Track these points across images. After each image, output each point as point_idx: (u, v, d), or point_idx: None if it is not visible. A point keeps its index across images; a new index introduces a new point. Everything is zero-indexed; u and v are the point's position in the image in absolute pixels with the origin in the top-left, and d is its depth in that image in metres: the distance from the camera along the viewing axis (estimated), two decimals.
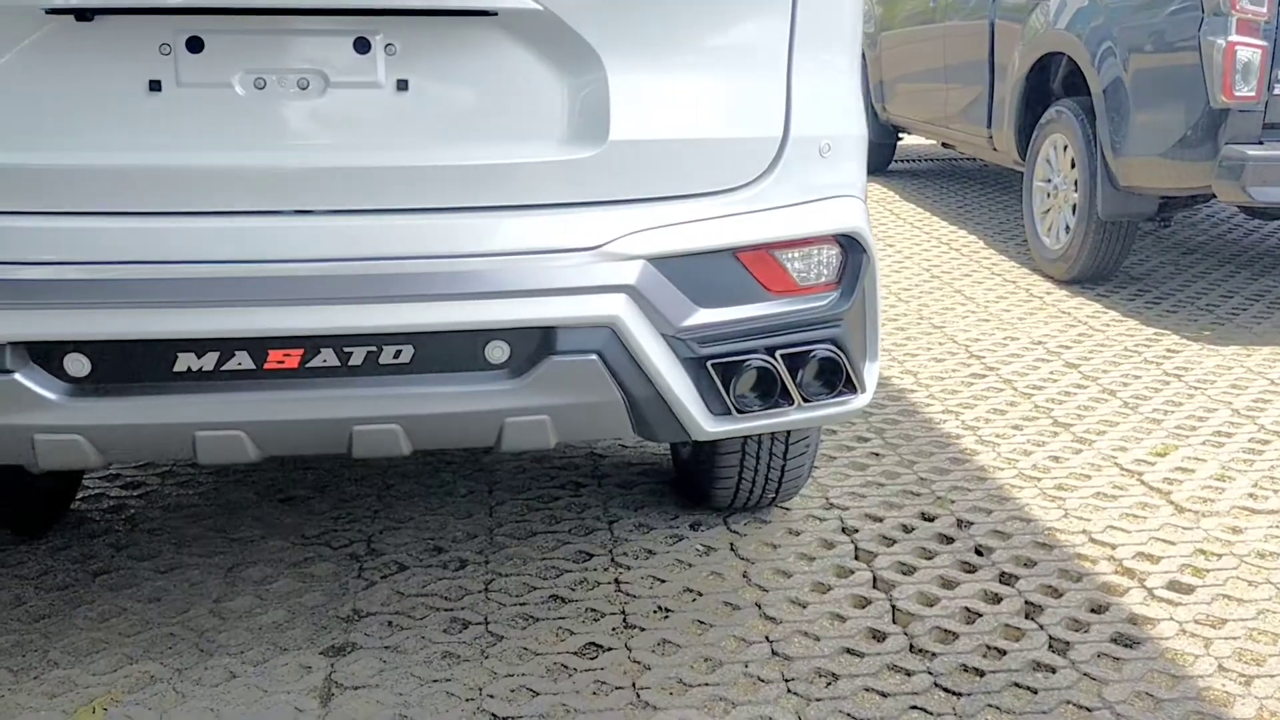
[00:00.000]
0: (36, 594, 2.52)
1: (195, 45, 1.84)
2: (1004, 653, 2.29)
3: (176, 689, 2.18)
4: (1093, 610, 2.44)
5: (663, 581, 2.57)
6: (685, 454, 2.90)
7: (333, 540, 2.77)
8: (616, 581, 2.57)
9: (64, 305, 1.81)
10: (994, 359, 4.12)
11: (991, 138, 5.82)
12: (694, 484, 2.86)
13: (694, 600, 2.49)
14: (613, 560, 2.67)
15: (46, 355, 1.85)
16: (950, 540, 2.76)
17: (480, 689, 2.18)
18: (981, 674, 2.22)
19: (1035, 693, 2.16)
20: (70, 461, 1.93)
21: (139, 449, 1.99)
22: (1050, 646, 2.31)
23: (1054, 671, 2.22)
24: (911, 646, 2.31)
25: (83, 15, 1.80)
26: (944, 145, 6.99)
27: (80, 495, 2.98)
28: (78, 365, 1.85)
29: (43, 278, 1.82)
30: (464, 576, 2.60)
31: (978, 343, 4.31)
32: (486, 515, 2.89)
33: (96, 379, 1.87)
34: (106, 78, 1.84)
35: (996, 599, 2.49)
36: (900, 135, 7.89)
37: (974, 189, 7.51)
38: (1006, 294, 4.98)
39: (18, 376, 1.83)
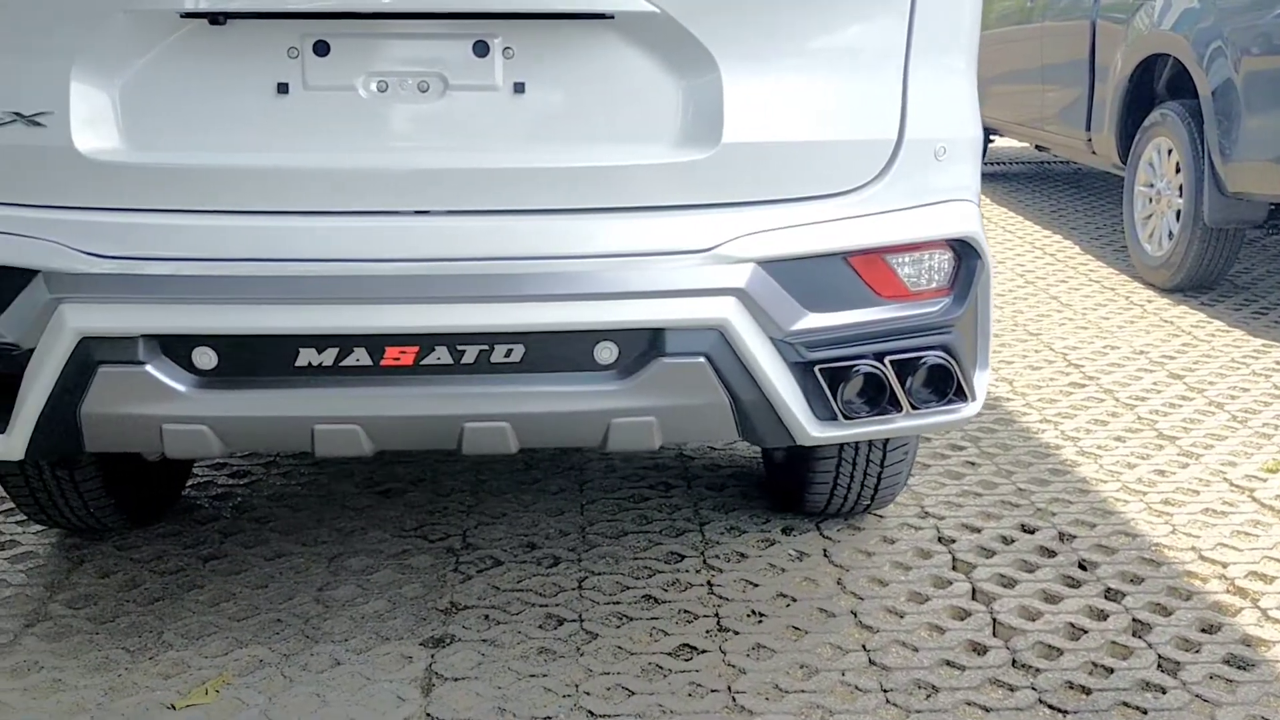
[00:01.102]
0: (151, 577, 2.60)
1: (322, 49, 1.89)
2: (1111, 671, 2.24)
3: (284, 674, 2.23)
4: (1203, 630, 2.38)
5: (755, 585, 2.56)
6: (779, 458, 2.89)
7: (429, 533, 2.81)
8: (709, 584, 2.57)
9: (193, 300, 1.87)
10: (1093, 368, 4.03)
11: (1090, 140, 5.69)
12: (787, 488, 2.85)
13: (788, 606, 2.48)
14: (704, 562, 2.67)
15: (176, 348, 1.91)
16: (1052, 554, 2.71)
17: (577, 685, 2.19)
18: (1088, 692, 2.17)
19: (1145, 713, 2.11)
20: (195, 451, 2.00)
21: (260, 440, 2.05)
22: (1160, 666, 2.25)
23: (1164, 692, 2.17)
24: (1014, 661, 2.27)
25: (215, 19, 1.86)
26: (1038, 148, 6.85)
27: (190, 482, 3.07)
28: (205, 358, 1.92)
29: (174, 273, 1.88)
30: (557, 573, 2.62)
31: (1076, 351, 4.22)
32: (578, 513, 2.91)
33: (222, 372, 1.93)
34: (236, 80, 1.90)
35: (1102, 615, 2.44)
36: (992, 138, 7.75)
37: (1068, 193, 7.35)
38: (1105, 301, 4.86)
39: (149, 368, 1.90)
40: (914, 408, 2.09)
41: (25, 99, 1.89)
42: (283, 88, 1.90)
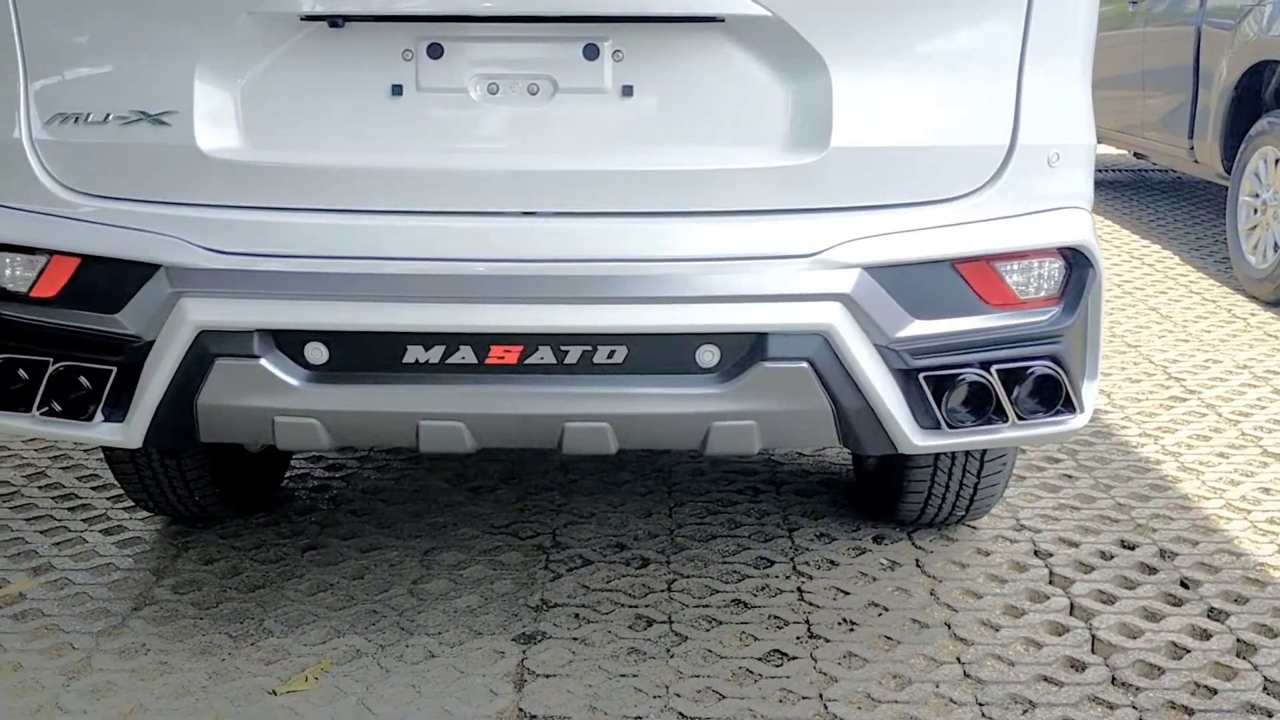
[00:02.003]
0: (252, 565, 2.67)
1: (435, 51, 1.93)
2: (1215, 692, 2.18)
3: (380, 664, 2.28)
4: None
5: (846, 594, 2.54)
6: (870, 465, 2.86)
7: (520, 531, 2.84)
8: (799, 590, 2.56)
9: (307, 296, 1.92)
10: (1194, 382, 3.92)
11: (1193, 149, 5.54)
12: (879, 496, 2.82)
13: (880, 615, 2.46)
14: (794, 569, 2.65)
15: (289, 343, 1.96)
16: (1153, 570, 2.64)
17: (667, 687, 2.20)
18: (1191, 713, 2.11)
19: None
20: (305, 443, 2.05)
21: (366, 435, 2.10)
22: (1265, 689, 2.18)
23: (1270, 716, 2.10)
24: (1114, 679, 2.22)
25: (334, 22, 1.90)
26: (1136, 155, 6.69)
27: (287, 474, 3.14)
28: (317, 353, 1.96)
29: (289, 270, 1.93)
30: (646, 575, 2.63)
31: (1176, 364, 4.11)
32: (666, 516, 2.92)
33: (332, 367, 1.97)
34: (352, 82, 1.94)
35: (1205, 635, 2.37)
36: None
37: (1167, 201, 7.16)
38: (1206, 314, 4.73)
39: (263, 362, 1.95)
40: (1020, 418, 2.05)
41: (151, 98, 1.96)
42: (397, 89, 1.94)
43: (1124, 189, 7.65)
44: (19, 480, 3.12)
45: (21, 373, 2.06)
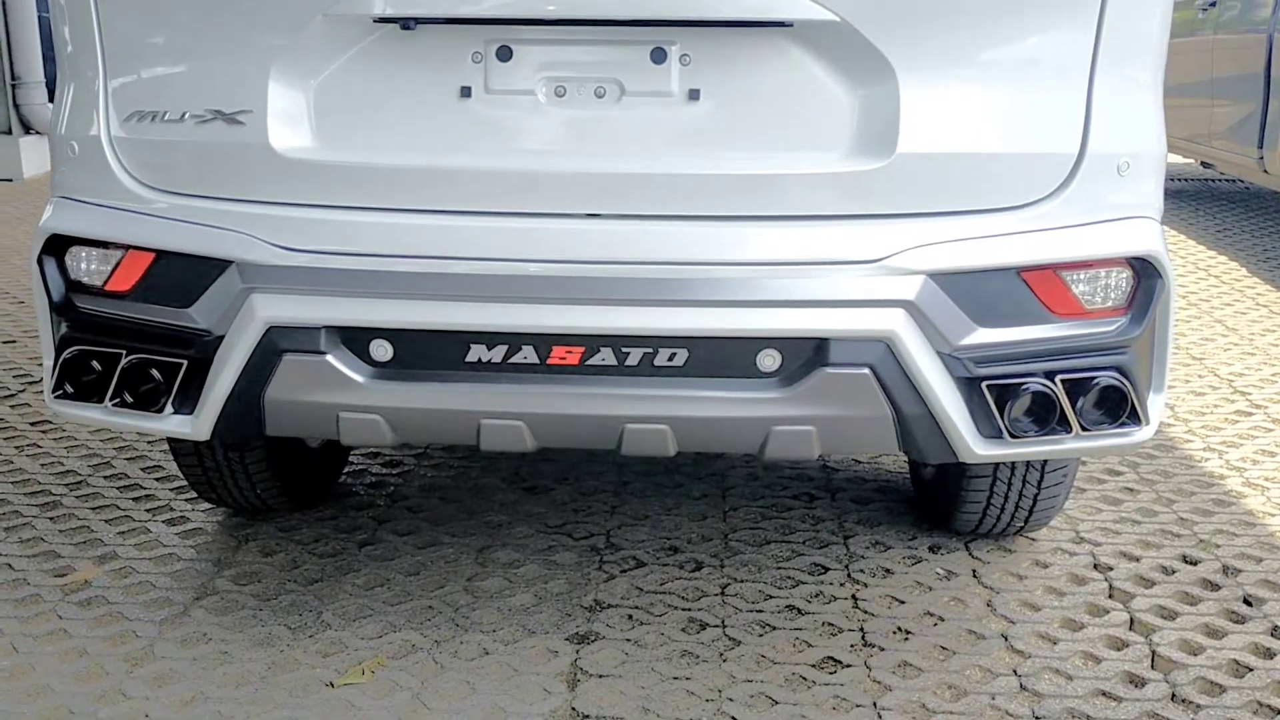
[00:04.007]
0: (310, 559, 2.71)
1: (504, 54, 1.95)
2: (1277, 712, 2.13)
3: (435, 659, 2.30)
4: None
5: (902, 602, 2.53)
6: (927, 474, 2.84)
7: (574, 531, 2.85)
8: (854, 598, 2.54)
9: (373, 295, 1.95)
10: (1261, 396, 3.84)
11: (1263, 158, 5.43)
12: (936, 505, 2.80)
13: (935, 625, 2.44)
14: (849, 576, 2.64)
15: (355, 340, 1.99)
16: (1216, 587, 2.59)
17: (720, 691, 2.20)
18: None
19: None
20: (368, 439, 2.08)
21: (428, 432, 2.12)
22: None
23: None
24: (1174, 695, 2.19)
25: (406, 24, 1.93)
26: (1202, 165, 6.57)
27: (345, 470, 3.19)
28: (382, 351, 1.99)
29: (356, 268, 1.96)
30: (700, 578, 2.63)
31: (1242, 378, 4.03)
32: (720, 520, 2.92)
33: (397, 364, 2.00)
34: (422, 83, 1.97)
35: (1269, 654, 2.32)
36: None
37: (1234, 212, 7.02)
38: (1274, 327, 4.63)
39: (329, 358, 1.98)
40: (1084, 429, 2.02)
41: (226, 98, 2.00)
42: (465, 91, 1.96)
43: (1190, 198, 7.51)
44: (85, 470, 3.20)
45: (95, 364, 2.12)
